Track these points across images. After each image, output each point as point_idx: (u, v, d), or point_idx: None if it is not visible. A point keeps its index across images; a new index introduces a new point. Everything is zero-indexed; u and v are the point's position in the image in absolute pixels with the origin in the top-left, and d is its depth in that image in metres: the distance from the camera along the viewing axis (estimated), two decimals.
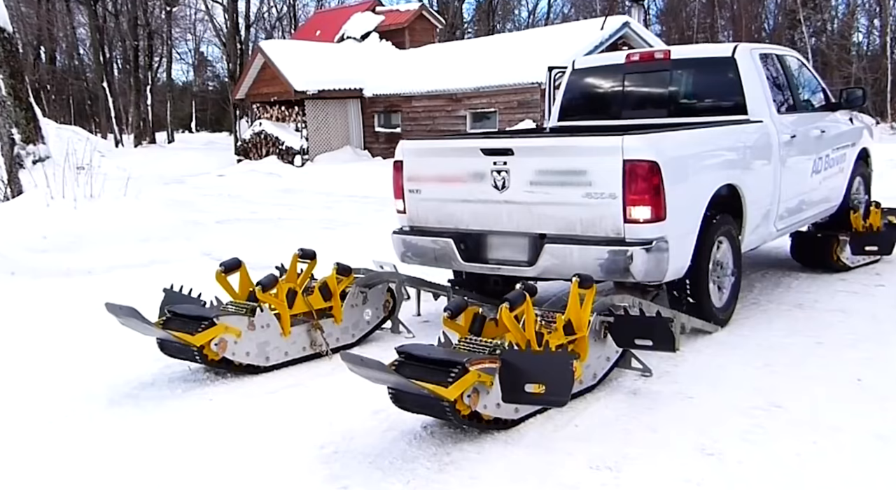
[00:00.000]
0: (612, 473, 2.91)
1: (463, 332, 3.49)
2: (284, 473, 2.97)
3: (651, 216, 4.07)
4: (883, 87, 25.63)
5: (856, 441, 3.14)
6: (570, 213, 4.25)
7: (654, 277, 4.20)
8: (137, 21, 39.03)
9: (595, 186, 4.13)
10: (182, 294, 4.27)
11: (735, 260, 4.89)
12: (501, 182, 4.41)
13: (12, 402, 3.78)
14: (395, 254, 5.03)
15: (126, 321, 3.81)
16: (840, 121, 6.45)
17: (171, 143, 40.86)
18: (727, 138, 4.88)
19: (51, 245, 7.55)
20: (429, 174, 4.81)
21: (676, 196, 4.16)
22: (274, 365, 4.17)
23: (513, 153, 4.36)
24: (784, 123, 5.37)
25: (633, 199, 4.06)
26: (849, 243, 6.21)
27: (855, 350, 4.31)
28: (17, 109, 10.25)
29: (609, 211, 4.12)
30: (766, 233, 5.35)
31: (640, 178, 4.04)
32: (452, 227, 4.72)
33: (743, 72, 5.24)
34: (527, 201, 4.36)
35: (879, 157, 15.07)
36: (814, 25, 29.53)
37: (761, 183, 5.09)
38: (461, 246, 4.66)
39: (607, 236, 4.16)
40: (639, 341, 3.74)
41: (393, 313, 4.83)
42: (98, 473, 3.00)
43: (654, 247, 4.10)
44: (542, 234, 4.34)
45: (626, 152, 4.05)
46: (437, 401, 3.01)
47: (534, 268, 4.39)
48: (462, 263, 4.69)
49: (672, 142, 4.35)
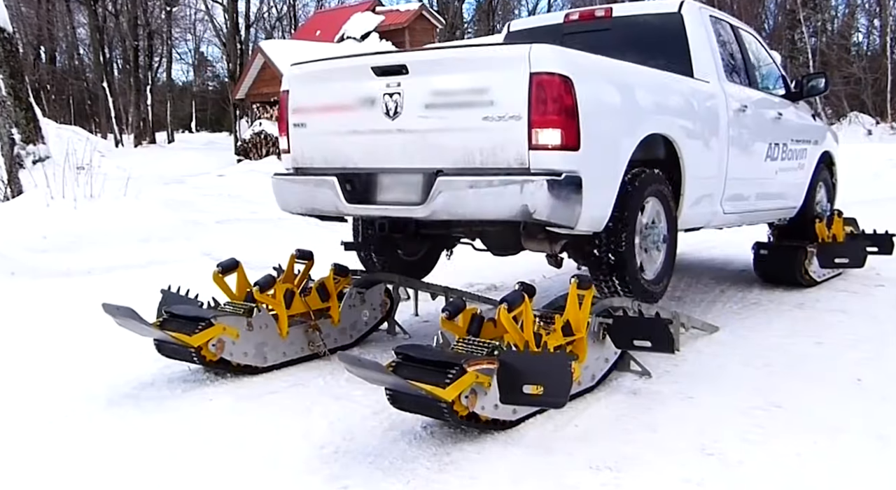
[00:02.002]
0: (612, 473, 2.91)
1: (461, 333, 3.47)
2: (284, 473, 2.97)
3: (561, 142, 3.51)
4: (883, 86, 25.59)
5: (856, 441, 3.14)
6: (469, 140, 3.66)
7: (563, 220, 3.60)
8: (137, 21, 39.05)
9: (497, 107, 3.56)
10: (179, 295, 4.27)
11: (669, 228, 4.38)
12: (394, 107, 3.82)
13: (12, 402, 3.78)
14: (277, 202, 4.49)
15: (123, 322, 3.80)
16: (801, 114, 6.10)
17: (171, 143, 40.85)
18: (662, 82, 4.40)
19: (51, 245, 7.55)
20: (316, 104, 4.21)
21: (593, 125, 3.62)
22: (272, 365, 4.16)
23: (407, 71, 3.78)
24: (734, 92, 4.99)
25: (540, 120, 3.49)
26: (816, 256, 5.79)
27: (855, 350, 4.31)
28: (17, 109, 10.24)
29: (512, 136, 3.54)
30: (710, 212, 4.88)
31: (550, 96, 3.47)
32: (340, 165, 4.13)
33: (690, 29, 4.84)
34: (421, 129, 3.79)
35: (879, 157, 15.15)
36: (814, 25, 29.47)
37: (704, 149, 4.66)
38: (347, 187, 4.07)
39: (509, 167, 3.58)
40: (638, 342, 3.73)
41: (391, 314, 4.83)
42: (98, 473, 3.00)
43: (565, 181, 3.51)
44: (440, 170, 3.74)
45: (534, 64, 3.48)
46: (435, 402, 2.99)
47: (423, 207, 3.77)
48: (346, 206, 4.08)
49: (591, 61, 3.82)
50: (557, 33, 5.18)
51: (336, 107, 4.08)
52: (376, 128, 3.91)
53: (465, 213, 3.60)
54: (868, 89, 26.09)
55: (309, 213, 4.40)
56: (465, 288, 5.45)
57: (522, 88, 3.49)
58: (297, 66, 4.38)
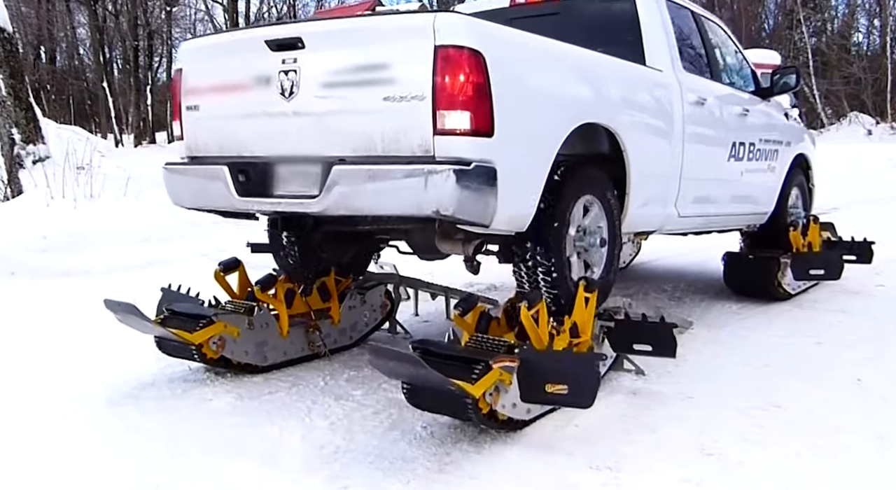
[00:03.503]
0: (612, 473, 2.91)
1: (471, 330, 3.43)
2: (284, 473, 2.97)
3: (470, 126, 3.02)
4: (883, 86, 25.61)
5: (856, 441, 3.14)
6: (370, 124, 3.18)
7: (475, 217, 3.10)
8: (137, 21, 39.02)
9: (398, 85, 3.09)
10: (180, 293, 4.27)
11: (610, 229, 3.88)
12: (289, 86, 3.37)
13: (12, 402, 3.78)
14: (168, 196, 4.06)
15: (125, 318, 3.80)
16: (772, 112, 5.64)
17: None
18: (602, 65, 3.95)
19: (51, 245, 7.55)
20: (210, 83, 3.75)
21: (511, 109, 3.15)
22: (272, 364, 4.17)
23: (303, 45, 3.33)
24: (691, 83, 4.56)
25: (447, 101, 3.01)
26: (790, 266, 5.41)
27: (855, 350, 4.31)
28: (17, 109, 10.24)
29: (415, 119, 3.06)
30: (663, 214, 4.41)
31: (457, 72, 3.00)
32: (236, 153, 3.66)
33: (642, 13, 4.45)
34: (319, 111, 3.33)
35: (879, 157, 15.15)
36: (814, 25, 29.50)
37: (654, 144, 4.20)
38: (240, 177, 3.59)
39: (413, 155, 3.10)
40: (638, 346, 3.70)
41: (391, 314, 4.83)
42: (98, 474, 3.00)
43: (475, 171, 3.01)
44: (342, 159, 3.27)
45: (440, 35, 3.00)
46: (461, 398, 2.93)
47: (318, 201, 3.30)
48: (237, 199, 3.61)
49: (510, 35, 3.38)
50: (502, 18, 4.72)
51: (230, 86, 3.62)
52: (271, 110, 3.45)
53: (364, 208, 3.20)
54: (868, 89, 26.11)
55: (202, 208, 3.93)
56: (466, 288, 5.44)
57: (426, 64, 3.01)
58: (192, 40, 4.00)
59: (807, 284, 5.71)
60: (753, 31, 31.70)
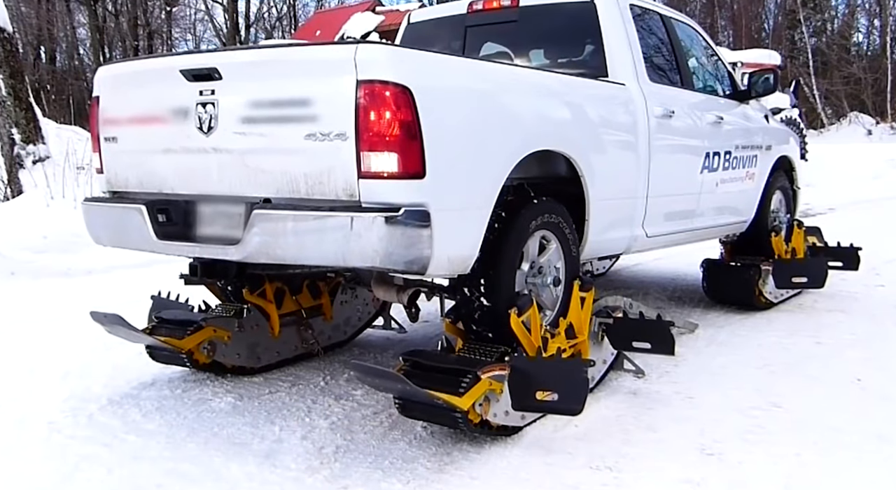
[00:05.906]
0: (612, 473, 2.91)
1: (463, 337, 3.42)
2: (284, 474, 2.97)
3: (399, 168, 2.77)
4: (883, 87, 25.65)
5: (856, 441, 3.14)
6: (292, 164, 2.94)
7: (408, 266, 2.86)
8: (137, 21, 39.04)
9: (320, 122, 2.84)
10: (170, 300, 4.25)
11: (567, 266, 3.61)
12: (208, 120, 3.11)
13: (12, 402, 3.78)
14: (88, 234, 3.77)
15: (113, 329, 3.78)
16: (750, 115, 5.34)
17: None
18: (552, 86, 3.65)
19: (51, 245, 7.55)
20: (127, 114, 3.50)
21: (446, 145, 2.90)
22: (267, 365, 4.16)
23: (220, 76, 3.07)
24: (657, 94, 4.27)
25: (371, 141, 2.76)
26: (772, 274, 5.19)
27: (855, 350, 4.31)
28: (17, 109, 10.24)
29: (338, 160, 2.82)
30: (629, 237, 4.14)
31: (382, 110, 2.75)
32: (156, 189, 3.41)
33: (604, 20, 4.15)
34: (238, 148, 3.07)
35: (879, 157, 15.15)
36: (814, 25, 29.53)
37: (615, 165, 3.93)
38: (160, 217, 3.34)
39: (338, 199, 2.86)
40: (637, 344, 3.71)
41: (385, 309, 4.80)
42: (98, 474, 3.00)
43: (405, 216, 2.76)
44: (266, 200, 3.04)
45: (362, 69, 2.76)
46: (450, 411, 2.92)
47: (237, 248, 3.05)
48: (156, 242, 3.34)
49: (442, 64, 3.13)
50: (460, 25, 4.59)
51: (148, 118, 3.37)
52: (190, 145, 3.20)
53: (287, 256, 2.96)
54: (868, 89, 26.14)
55: (124, 248, 3.64)
56: None
57: (348, 100, 2.77)
58: (107, 66, 3.74)
59: (791, 292, 5.55)
60: (753, 31, 31.71)
